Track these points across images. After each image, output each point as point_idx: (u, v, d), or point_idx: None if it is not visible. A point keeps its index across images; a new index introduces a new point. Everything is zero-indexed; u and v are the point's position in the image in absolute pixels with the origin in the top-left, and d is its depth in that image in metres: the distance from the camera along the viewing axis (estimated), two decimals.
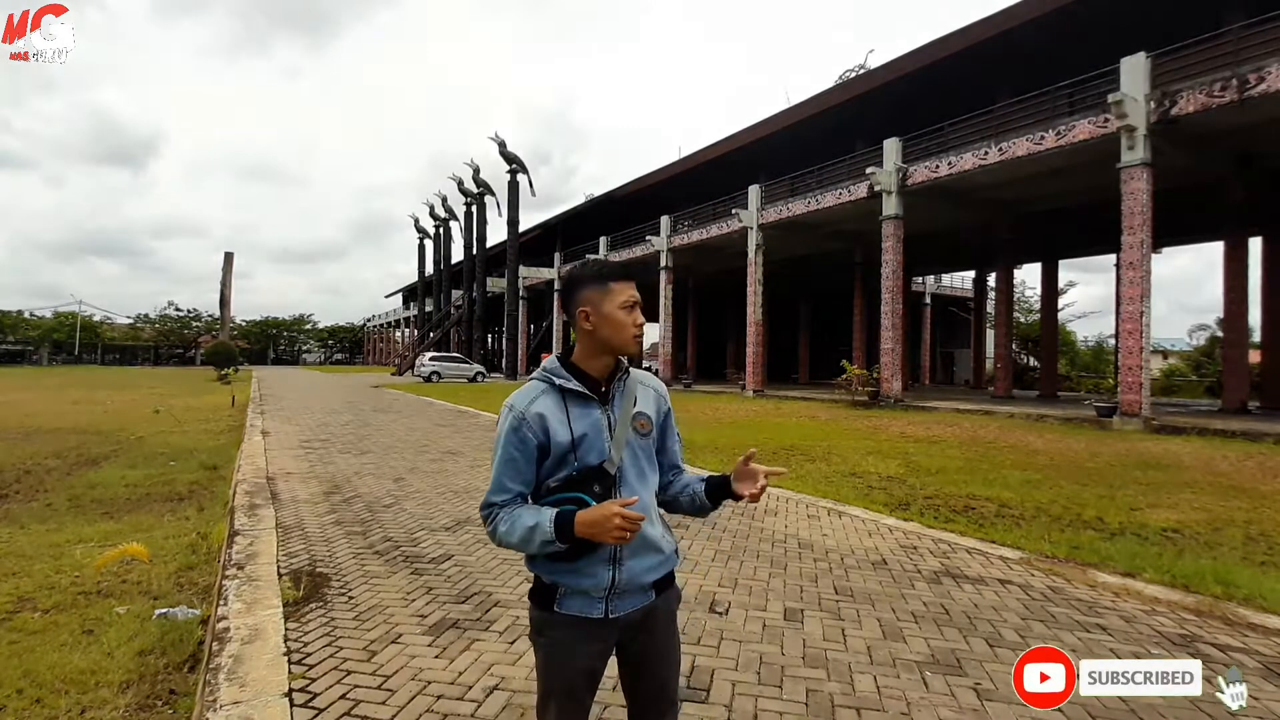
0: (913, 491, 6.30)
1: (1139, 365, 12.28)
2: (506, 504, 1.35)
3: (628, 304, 1.38)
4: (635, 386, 1.46)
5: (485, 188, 40.24)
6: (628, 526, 1.26)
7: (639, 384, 1.47)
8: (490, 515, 1.35)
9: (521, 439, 1.35)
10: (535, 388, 1.40)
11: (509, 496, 1.35)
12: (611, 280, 1.39)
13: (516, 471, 1.35)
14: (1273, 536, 4.74)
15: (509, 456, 1.35)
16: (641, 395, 1.46)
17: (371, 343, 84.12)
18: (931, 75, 18.14)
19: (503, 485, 1.35)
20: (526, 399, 1.38)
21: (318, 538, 4.50)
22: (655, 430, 1.47)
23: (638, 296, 1.40)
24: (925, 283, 36.25)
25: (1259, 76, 10.70)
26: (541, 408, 1.36)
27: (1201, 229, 19.46)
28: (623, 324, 1.37)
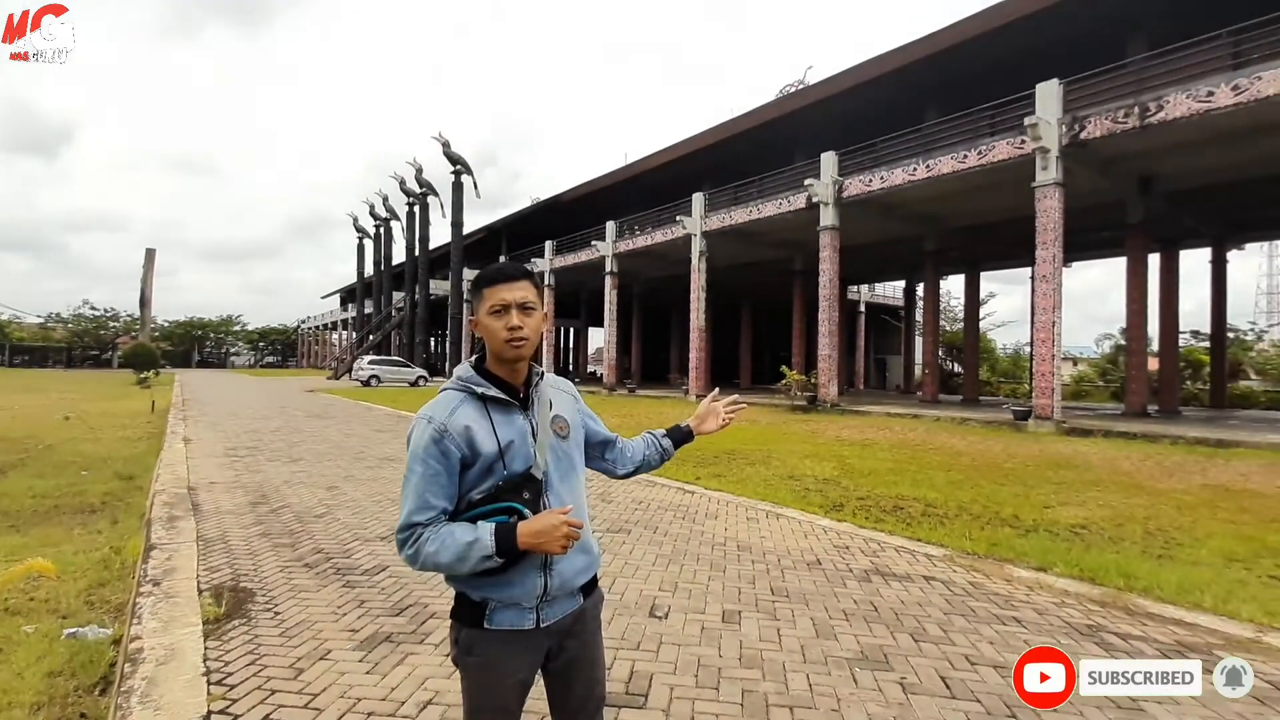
0: (846, 493, 6.52)
1: (1051, 372, 13.10)
2: (432, 522, 1.27)
3: (495, 308, 1.33)
4: (549, 390, 1.45)
5: (428, 188, 39.36)
6: (574, 535, 1.27)
7: (551, 388, 1.47)
8: (413, 536, 1.26)
9: (444, 451, 1.28)
10: (453, 397, 1.35)
11: (433, 514, 1.27)
12: (483, 286, 1.36)
13: (440, 487, 1.28)
14: (1169, 531, 5.14)
15: (432, 471, 1.28)
16: (556, 399, 1.47)
17: (306, 345, 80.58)
18: (866, 93, 18.90)
19: (426, 503, 1.27)
20: (446, 409, 1.32)
21: (242, 551, 4.29)
22: (574, 430, 1.47)
23: (514, 299, 1.33)
24: (860, 291, 37.59)
25: (1159, 105, 11.63)
26: (464, 418, 1.31)
27: (1107, 245, 20.95)
28: (490, 330, 1.34)
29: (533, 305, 1.36)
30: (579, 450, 1.51)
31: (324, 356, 69.42)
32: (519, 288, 1.35)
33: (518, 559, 1.27)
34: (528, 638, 1.34)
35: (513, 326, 1.32)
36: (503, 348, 1.34)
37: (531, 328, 1.35)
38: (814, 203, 18.03)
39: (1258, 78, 10.51)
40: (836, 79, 19.53)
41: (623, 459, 1.65)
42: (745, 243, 23.12)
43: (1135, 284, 16.32)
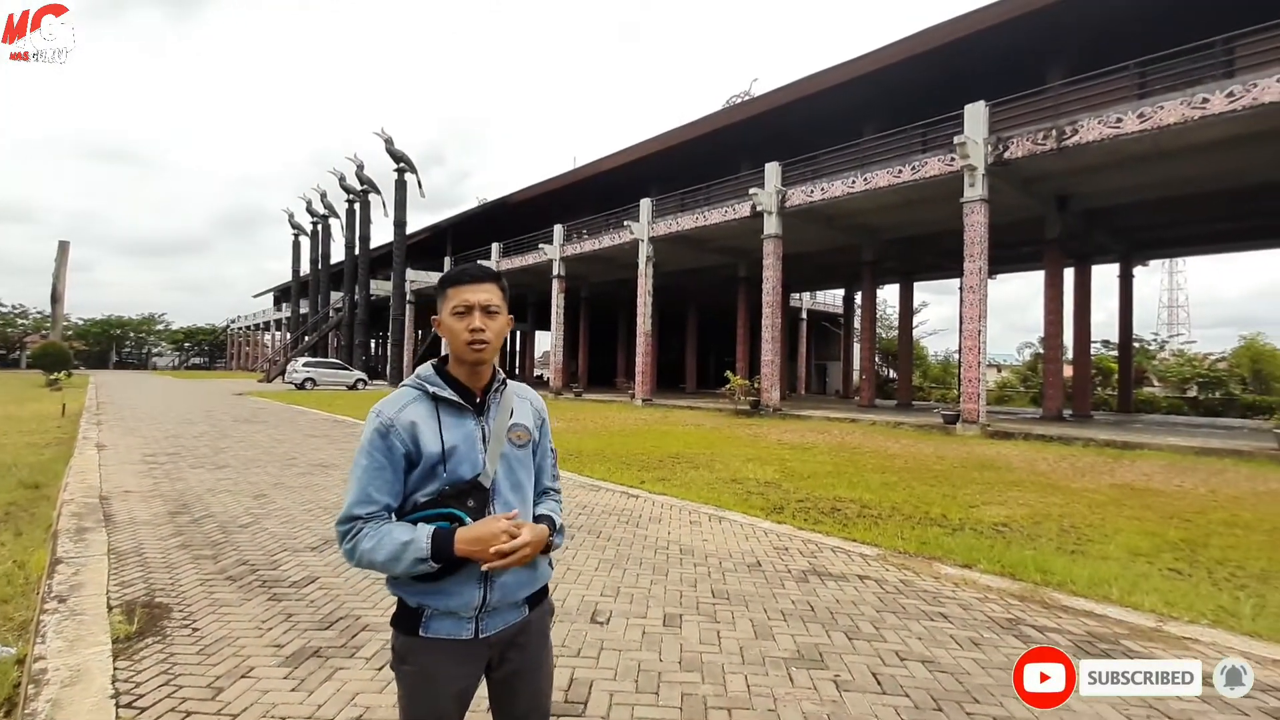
0: (787, 495, 6.67)
1: (977, 378, 13.79)
2: (373, 517, 1.24)
3: (458, 309, 1.32)
4: (512, 398, 1.42)
5: (370, 185, 38.17)
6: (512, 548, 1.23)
7: (516, 396, 1.44)
8: (352, 530, 1.23)
9: (389, 446, 1.27)
10: (406, 394, 1.34)
11: (376, 509, 1.25)
12: (448, 286, 1.35)
13: (384, 482, 1.26)
14: (1081, 528, 5.48)
15: (377, 464, 1.26)
16: (519, 407, 1.43)
17: (236, 347, 76.57)
18: (808, 106, 19.45)
19: (369, 496, 1.25)
20: (396, 405, 1.31)
21: (159, 564, 4.04)
22: (532, 443, 1.44)
23: (477, 300, 1.32)
24: (802, 299, 38.60)
25: (1074, 129, 12.43)
26: (413, 415, 1.30)
27: (1028, 259, 22.17)
28: (453, 331, 1.33)
29: (497, 308, 1.35)
30: (530, 462, 1.45)
31: (255, 358, 66.17)
32: (484, 290, 1.33)
33: (455, 567, 1.24)
34: (465, 648, 1.31)
35: (474, 329, 1.31)
36: (463, 350, 1.33)
37: (494, 331, 1.33)
38: (758, 211, 18.42)
39: (1160, 106, 11.38)
40: (780, 92, 20.03)
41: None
42: (692, 249, 23.39)
43: (1052, 296, 17.36)
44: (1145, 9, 14.08)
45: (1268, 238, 20.04)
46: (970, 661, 2.92)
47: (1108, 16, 14.36)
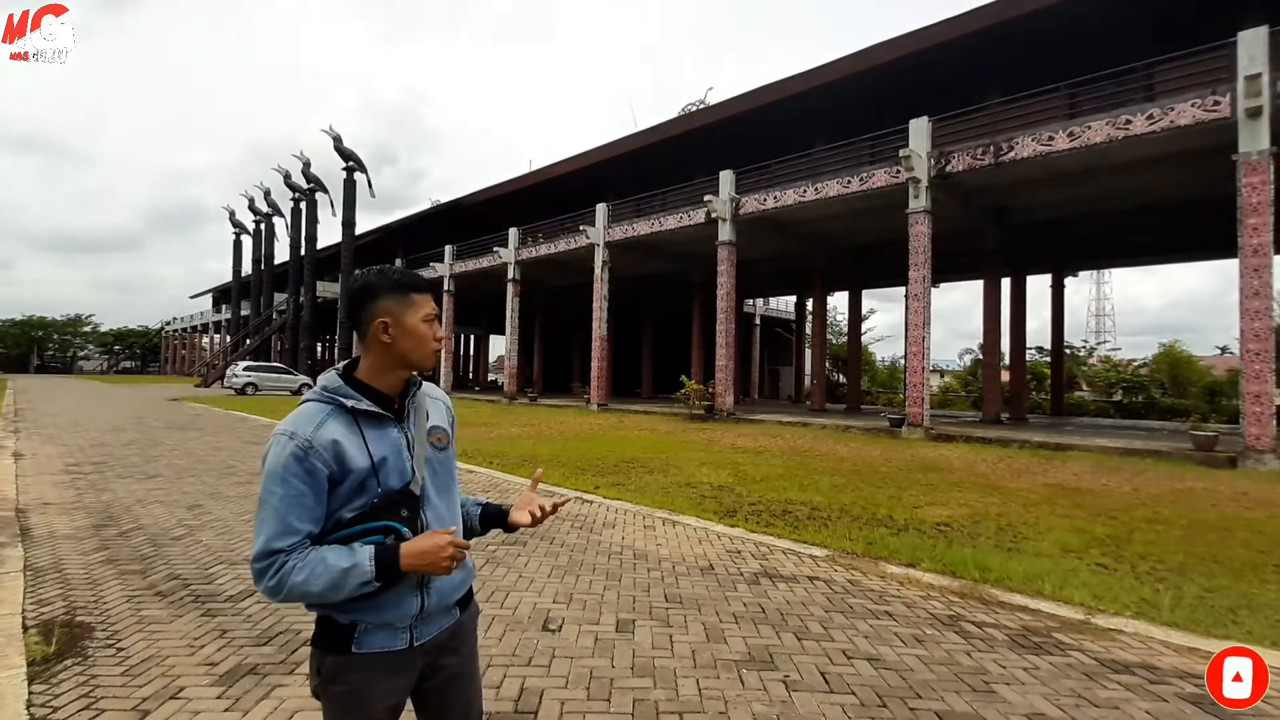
0: (740, 499, 6.75)
1: (921, 383, 14.28)
2: (296, 548, 1.15)
3: (430, 317, 1.32)
4: (425, 400, 1.39)
5: (317, 184, 36.97)
6: (459, 556, 1.23)
7: (428, 397, 1.41)
8: (274, 565, 1.14)
9: (310, 470, 1.18)
10: (318, 410, 1.24)
11: (297, 539, 1.16)
12: (414, 292, 1.31)
13: (305, 509, 1.18)
14: (1017, 526, 5.72)
15: (296, 492, 1.17)
16: (433, 409, 1.40)
17: (171, 350, 72.77)
18: (762, 116, 19.83)
19: (290, 527, 1.16)
20: (311, 424, 1.21)
21: (81, 580, 3.80)
22: (450, 443, 1.43)
23: (434, 309, 1.34)
24: (756, 305, 39.23)
25: (1010, 145, 13.04)
26: (332, 433, 1.21)
27: (968, 269, 23.07)
28: (425, 337, 1.31)
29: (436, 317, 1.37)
30: (455, 463, 1.46)
31: (193, 362, 63.09)
32: (432, 299, 1.36)
33: (395, 580, 1.21)
34: (400, 658, 1.27)
35: (440, 337, 1.34)
36: (429, 356, 1.33)
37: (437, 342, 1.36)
38: (713, 218, 18.66)
39: (1088, 126, 12.05)
40: (735, 101, 20.36)
41: None
42: (647, 254, 23.51)
43: (990, 304, 18.14)
44: (1076, 33, 14.89)
45: (1185, 251, 21.45)
46: (914, 658, 3.01)
47: (1041, 39, 15.12)
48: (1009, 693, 2.70)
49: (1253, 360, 10.26)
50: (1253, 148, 10.33)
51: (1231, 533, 5.55)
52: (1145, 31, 14.09)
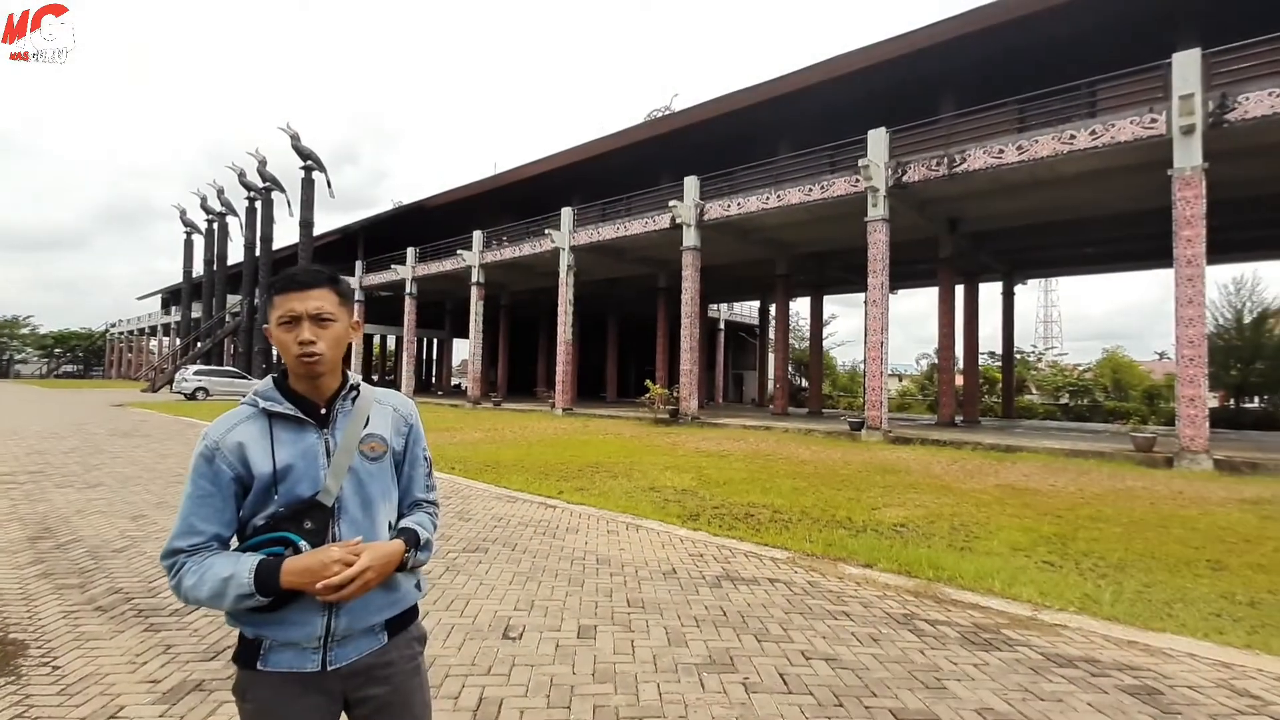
0: (703, 503, 6.80)
1: (880, 387, 14.62)
2: (197, 550, 1.14)
3: (284, 319, 1.21)
4: (368, 406, 1.29)
5: (273, 183, 35.94)
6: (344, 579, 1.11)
7: (374, 403, 1.31)
8: (175, 565, 1.13)
9: (215, 472, 1.16)
10: (238, 413, 1.23)
11: (200, 540, 1.14)
12: (273, 293, 1.24)
13: (211, 510, 1.16)
14: (969, 526, 5.90)
15: (202, 492, 1.16)
16: (376, 415, 1.30)
17: (117, 353, 69.57)
18: (726, 123, 20.08)
19: (192, 527, 1.14)
20: (225, 426, 1.20)
21: (14, 596, 3.61)
22: (390, 454, 1.32)
23: (305, 309, 1.21)
24: (720, 309, 39.60)
25: (962, 157, 13.48)
26: (242, 435, 1.19)
27: (925, 276, 23.76)
28: (281, 343, 1.22)
29: (329, 316, 1.23)
30: (388, 476, 1.32)
31: (139, 366, 60.49)
32: (313, 297, 1.22)
33: (291, 596, 1.13)
34: (309, 681, 1.18)
35: (303, 340, 1.20)
36: (294, 364, 1.22)
37: (328, 341, 1.22)
38: (678, 224, 18.79)
39: (1036, 140, 12.54)
40: (700, 108, 20.56)
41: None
42: (613, 258, 23.52)
43: (945, 311, 18.69)
44: (1025, 50, 15.49)
45: (1127, 261, 22.49)
46: (869, 657, 3.08)
47: (993, 55, 15.69)
48: (960, 689, 2.78)
49: (1187, 365, 10.80)
50: (1186, 163, 10.89)
51: (1168, 530, 5.83)
52: (1089, 50, 14.74)
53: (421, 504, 1.38)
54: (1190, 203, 10.83)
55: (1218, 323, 22.78)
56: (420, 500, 1.38)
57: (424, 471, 1.40)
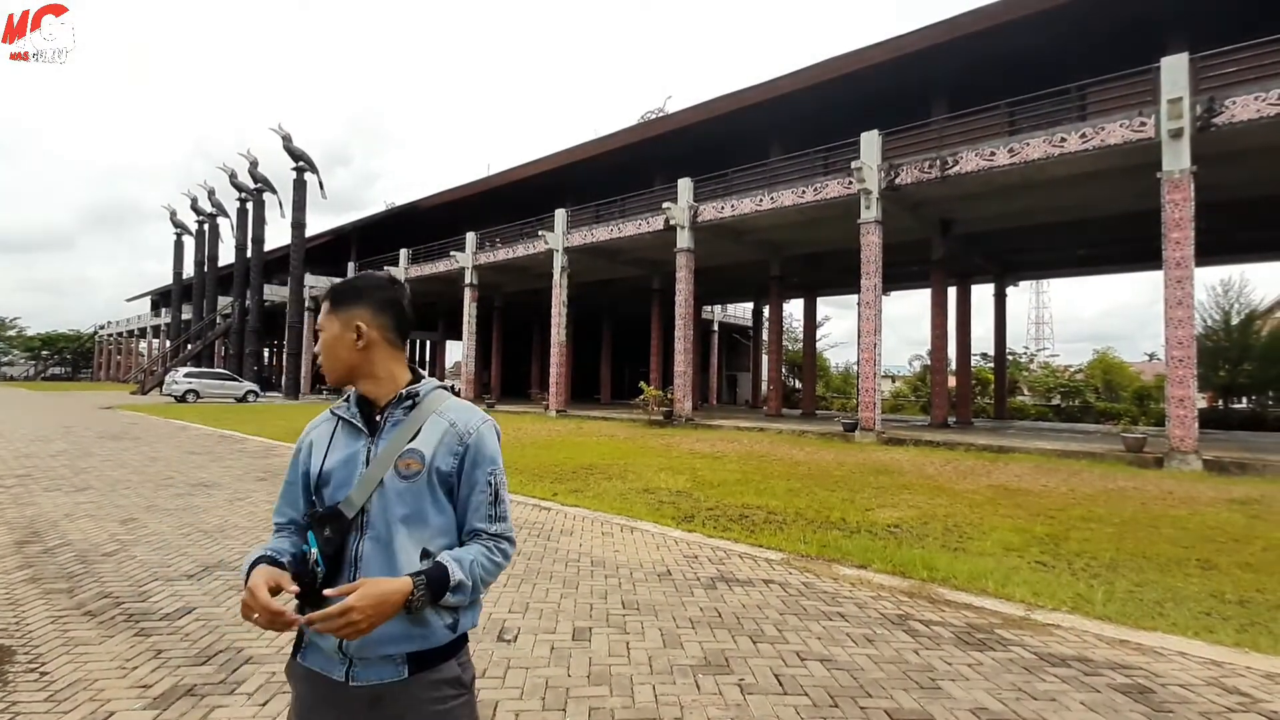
0: (698, 504, 6.80)
1: (873, 388, 14.67)
2: (279, 530, 1.27)
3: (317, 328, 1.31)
4: (424, 417, 1.22)
5: (265, 184, 35.75)
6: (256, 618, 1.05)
7: (431, 414, 1.23)
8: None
9: (296, 464, 1.29)
10: (324, 414, 1.32)
11: (281, 521, 1.28)
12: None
13: (291, 498, 1.28)
14: (963, 527, 5.92)
15: (289, 480, 1.29)
16: (429, 429, 1.21)
17: (106, 355, 69.05)
18: (721, 125, 20.13)
19: (279, 510, 1.29)
20: (312, 424, 1.31)
21: (0, 601, 3.57)
22: (431, 473, 1.19)
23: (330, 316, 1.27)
24: (714, 311, 39.65)
25: (955, 159, 13.56)
26: (315, 434, 1.29)
27: (918, 277, 23.91)
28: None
29: (320, 328, 1.28)
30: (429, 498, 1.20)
31: (128, 368, 60.02)
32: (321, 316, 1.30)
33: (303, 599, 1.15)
34: (336, 690, 1.16)
35: (315, 353, 1.32)
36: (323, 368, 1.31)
37: (322, 349, 1.27)
38: (671, 225, 18.81)
39: (1027, 143, 12.63)
40: (693, 110, 20.60)
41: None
42: (607, 260, 23.52)
43: (938, 312, 18.78)
44: (1014, 54, 15.61)
45: (1118, 263, 22.66)
46: (864, 657, 3.08)
47: (983, 59, 15.80)
48: (954, 689, 2.78)
49: (1176, 366, 10.89)
50: (1175, 166, 10.99)
51: (1158, 529, 5.87)
52: (1078, 55, 14.87)
53: (480, 535, 1.22)
54: (1179, 205, 10.92)
55: (1206, 324, 22.98)
56: (479, 530, 1.22)
57: (485, 499, 1.23)
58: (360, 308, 1.26)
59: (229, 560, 4.46)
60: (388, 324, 1.27)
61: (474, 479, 1.22)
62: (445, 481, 1.21)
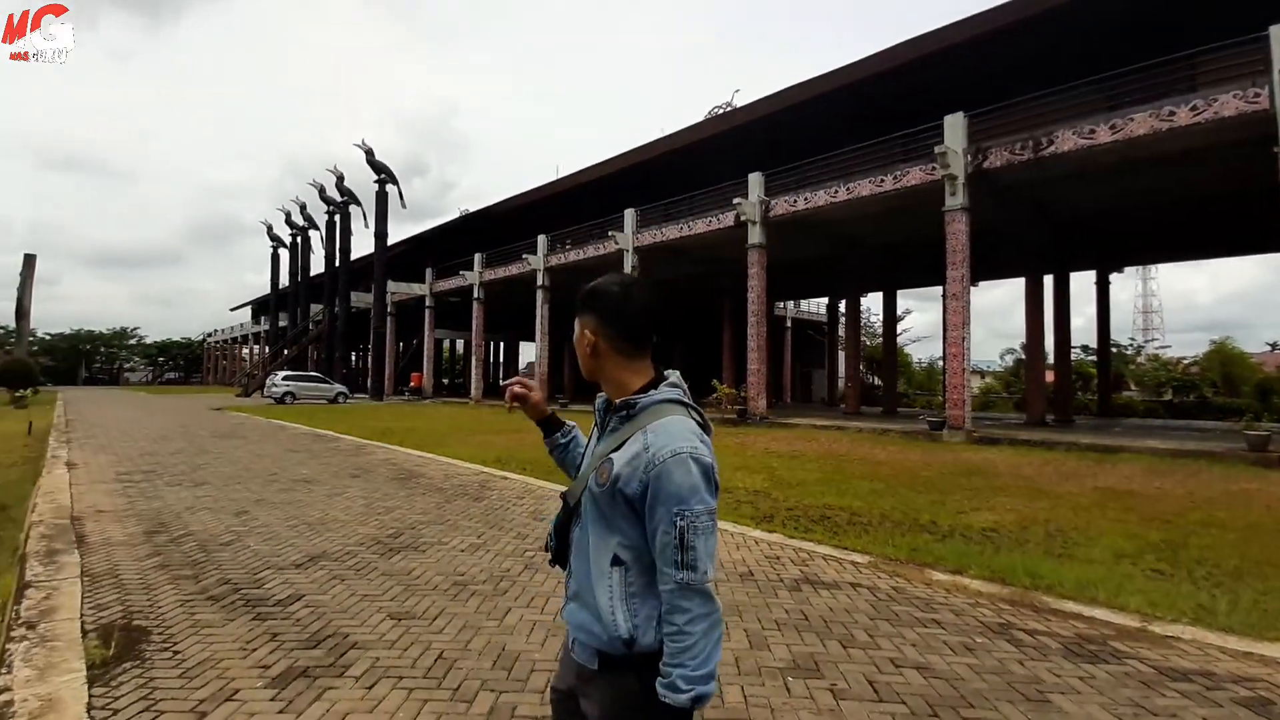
0: (776, 504, 6.67)
1: (962, 384, 13.95)
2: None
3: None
4: (632, 431, 1.19)
5: (350, 196, 37.92)
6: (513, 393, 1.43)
7: (640, 430, 1.18)
8: None
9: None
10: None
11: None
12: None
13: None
14: (1067, 532, 5.53)
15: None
16: (629, 445, 1.17)
17: (213, 360, 75.31)
18: (789, 117, 19.71)
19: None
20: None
21: (136, 585, 3.92)
22: (615, 490, 1.15)
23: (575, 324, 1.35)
24: (787, 307, 38.90)
25: (1050, 139, 12.70)
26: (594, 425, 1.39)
27: (1009, 267, 22.57)
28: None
29: (576, 330, 1.31)
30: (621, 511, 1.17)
31: (233, 372, 65.12)
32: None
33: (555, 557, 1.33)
34: (565, 653, 1.30)
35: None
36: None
37: (579, 353, 1.32)
38: (742, 221, 18.56)
39: (1130, 118, 11.67)
40: (762, 103, 20.29)
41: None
42: (676, 259, 23.49)
43: (1032, 303, 17.67)
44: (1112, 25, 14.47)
45: (1234, 245, 20.59)
46: (964, 667, 2.93)
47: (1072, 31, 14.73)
48: (1065, 702, 2.61)
49: None
50: None
51: None
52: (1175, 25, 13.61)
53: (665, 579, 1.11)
54: None
55: None
56: (664, 574, 1.11)
57: (670, 541, 1.09)
58: (590, 315, 1.27)
59: (331, 551, 4.73)
60: (615, 332, 1.25)
61: (656, 515, 1.12)
62: (630, 503, 1.15)
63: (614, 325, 1.26)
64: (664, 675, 1.09)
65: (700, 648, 1.08)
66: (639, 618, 1.15)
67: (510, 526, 5.56)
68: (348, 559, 4.54)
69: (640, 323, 1.26)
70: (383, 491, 7.27)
